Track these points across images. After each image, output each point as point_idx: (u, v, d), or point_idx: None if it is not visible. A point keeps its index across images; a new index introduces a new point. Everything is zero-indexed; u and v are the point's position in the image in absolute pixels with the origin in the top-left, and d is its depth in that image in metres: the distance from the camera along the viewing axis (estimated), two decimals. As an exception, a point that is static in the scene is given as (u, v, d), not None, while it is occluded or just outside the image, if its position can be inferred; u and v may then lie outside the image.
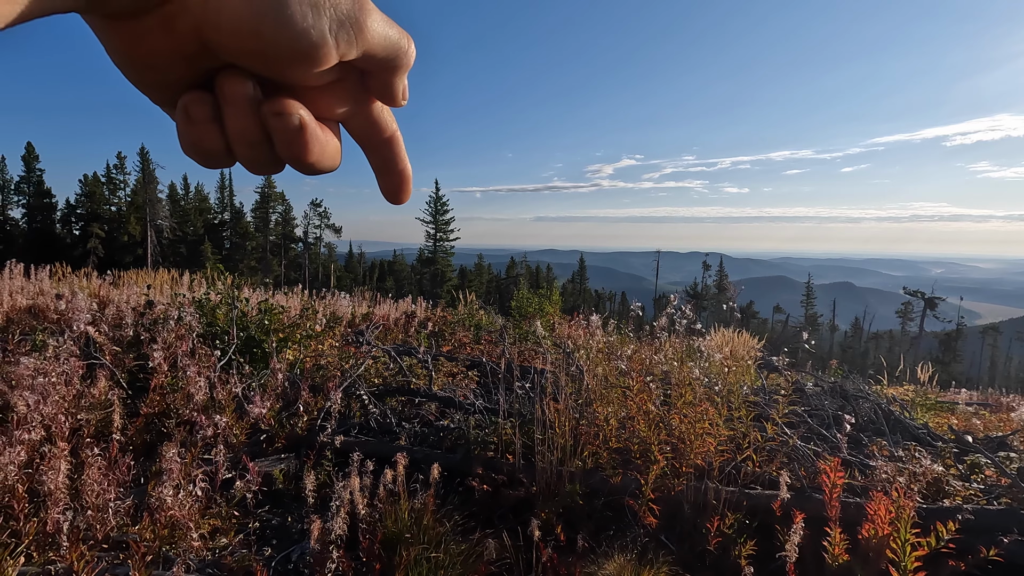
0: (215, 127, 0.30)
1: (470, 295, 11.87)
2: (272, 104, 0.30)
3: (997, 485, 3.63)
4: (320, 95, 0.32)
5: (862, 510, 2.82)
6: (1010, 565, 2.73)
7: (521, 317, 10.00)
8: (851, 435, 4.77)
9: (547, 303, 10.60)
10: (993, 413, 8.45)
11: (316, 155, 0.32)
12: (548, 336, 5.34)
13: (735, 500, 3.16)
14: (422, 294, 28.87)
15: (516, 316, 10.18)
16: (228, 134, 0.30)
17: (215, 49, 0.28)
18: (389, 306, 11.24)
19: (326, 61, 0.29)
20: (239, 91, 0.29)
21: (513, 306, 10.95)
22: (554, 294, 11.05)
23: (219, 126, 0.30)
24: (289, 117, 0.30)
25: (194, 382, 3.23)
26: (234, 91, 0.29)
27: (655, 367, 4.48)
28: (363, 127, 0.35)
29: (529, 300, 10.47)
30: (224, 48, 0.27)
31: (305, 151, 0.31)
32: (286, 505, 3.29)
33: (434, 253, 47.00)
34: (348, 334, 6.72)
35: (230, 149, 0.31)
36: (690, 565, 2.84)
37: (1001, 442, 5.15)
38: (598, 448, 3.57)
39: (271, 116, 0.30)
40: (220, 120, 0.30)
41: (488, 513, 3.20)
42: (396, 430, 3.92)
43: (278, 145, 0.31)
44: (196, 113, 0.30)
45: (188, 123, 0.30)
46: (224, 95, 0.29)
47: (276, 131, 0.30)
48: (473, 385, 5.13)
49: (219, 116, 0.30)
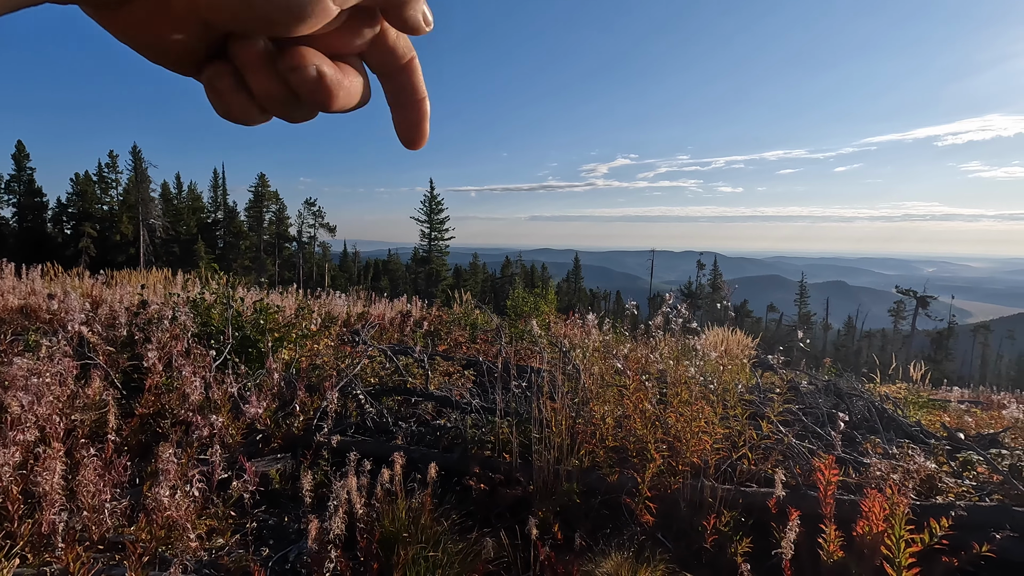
0: (241, 93, 0.30)
1: (465, 294, 11.87)
2: (287, 60, 0.30)
3: (989, 482, 3.66)
4: (334, 36, 0.32)
5: (857, 507, 2.84)
6: (1002, 561, 2.76)
7: (517, 316, 10.00)
8: (845, 433, 4.80)
9: (543, 302, 10.61)
10: (985, 411, 8.53)
11: (342, 99, 0.31)
12: (544, 335, 5.34)
13: (731, 498, 3.17)
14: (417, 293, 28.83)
15: (512, 315, 10.18)
16: (255, 96, 0.30)
17: (214, 24, 0.27)
18: (384, 306, 11.22)
19: (325, 15, 0.28)
20: (252, 55, 0.29)
21: (509, 305, 10.95)
22: (549, 293, 11.07)
23: (245, 91, 0.30)
24: (305, 70, 0.30)
25: (189, 382, 3.22)
26: (247, 56, 0.29)
27: (651, 366, 4.49)
28: (380, 57, 0.34)
29: (525, 299, 10.47)
30: (222, 21, 0.27)
31: (329, 98, 0.31)
32: (283, 505, 3.28)
33: (429, 252, 46.93)
34: (344, 334, 6.70)
35: (263, 108, 0.31)
36: (687, 563, 2.85)
37: (993, 439, 5.20)
38: (595, 447, 3.57)
39: (289, 72, 0.30)
40: (245, 85, 0.30)
41: (486, 512, 3.20)
42: (393, 430, 3.91)
43: (303, 97, 0.31)
44: (220, 85, 0.30)
45: (215, 94, 0.30)
46: (240, 61, 0.29)
47: (296, 85, 0.30)
48: (470, 384, 5.13)
49: (242, 81, 0.30)
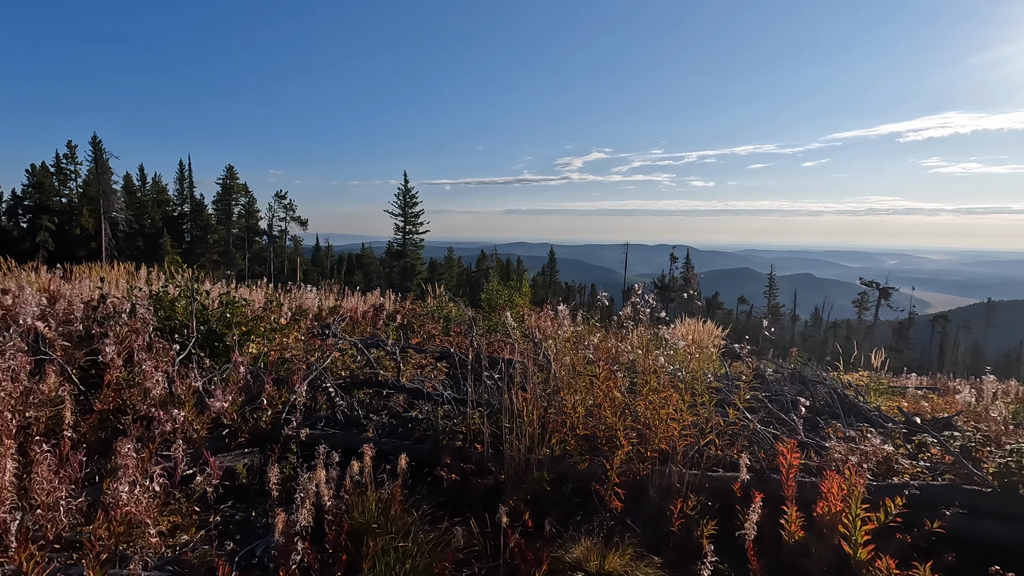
0: None
1: (439, 288, 11.81)
2: None
3: (942, 463, 3.82)
4: None
5: (817, 489, 2.93)
6: (952, 537, 2.88)
7: (491, 309, 10.00)
8: (808, 418, 4.94)
9: (517, 295, 10.63)
10: (940, 396, 8.88)
11: None
12: (517, 327, 5.36)
13: (698, 483, 3.24)
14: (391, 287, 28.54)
15: (486, 308, 10.18)
16: None
17: None
18: (357, 299, 11.08)
19: None
20: None
21: (483, 298, 10.95)
22: (524, 286, 11.10)
23: None
24: None
25: (151, 377, 3.13)
26: None
27: (622, 355, 4.55)
28: None
29: (499, 292, 10.48)
30: None
31: None
32: (250, 500, 3.22)
33: (403, 246, 46.48)
34: (314, 327, 6.60)
35: None
36: (655, 546, 2.91)
37: (947, 423, 5.42)
38: (566, 435, 3.61)
39: None
40: None
41: (457, 502, 3.21)
42: (364, 422, 3.88)
43: None
44: None
45: None
46: None
47: None
48: (443, 376, 5.12)
49: None
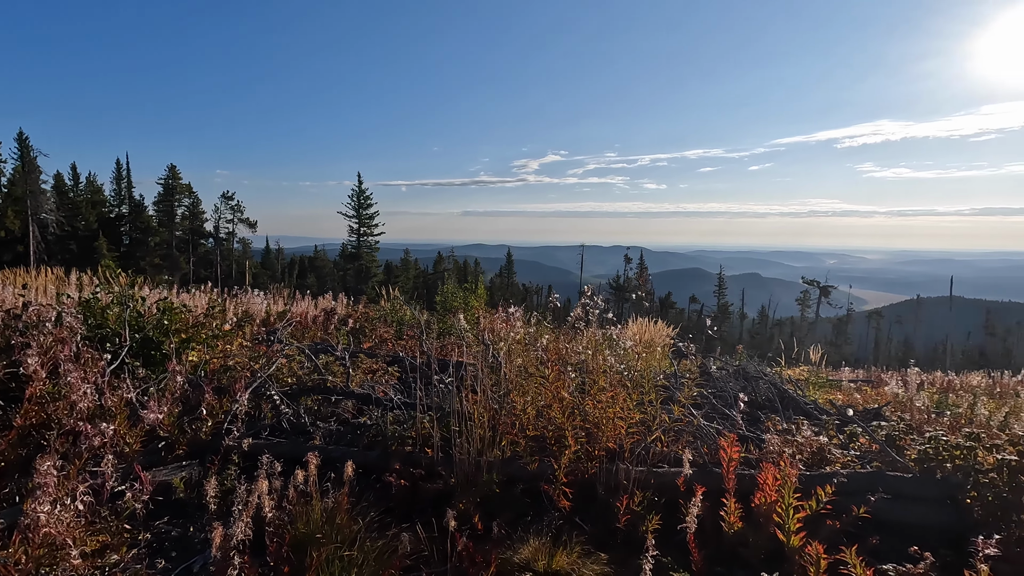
0: None
1: (394, 291, 11.67)
2: None
3: (870, 451, 4.06)
4: None
5: (755, 481, 3.06)
6: (877, 521, 3.06)
7: (446, 312, 9.95)
8: (750, 413, 5.15)
9: (472, 297, 10.61)
10: (873, 388, 9.42)
11: None
12: (470, 329, 5.35)
13: (644, 479, 3.32)
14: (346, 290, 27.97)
15: (441, 311, 10.12)
16: None
17: None
18: (308, 303, 10.80)
19: None
20: None
21: (439, 301, 10.88)
22: (479, 288, 11.09)
23: None
24: None
25: (77, 389, 2.96)
26: None
27: (572, 356, 4.61)
28: None
29: (454, 294, 10.43)
30: None
31: None
32: (188, 515, 3.09)
33: (358, 248, 45.59)
34: (260, 333, 6.39)
35: None
36: (603, 543, 2.96)
37: (876, 413, 5.75)
38: (516, 437, 3.63)
39: None
40: None
41: (406, 508, 3.17)
42: (311, 430, 3.79)
43: None
44: None
45: None
46: None
47: None
48: (394, 381, 5.06)
49: None
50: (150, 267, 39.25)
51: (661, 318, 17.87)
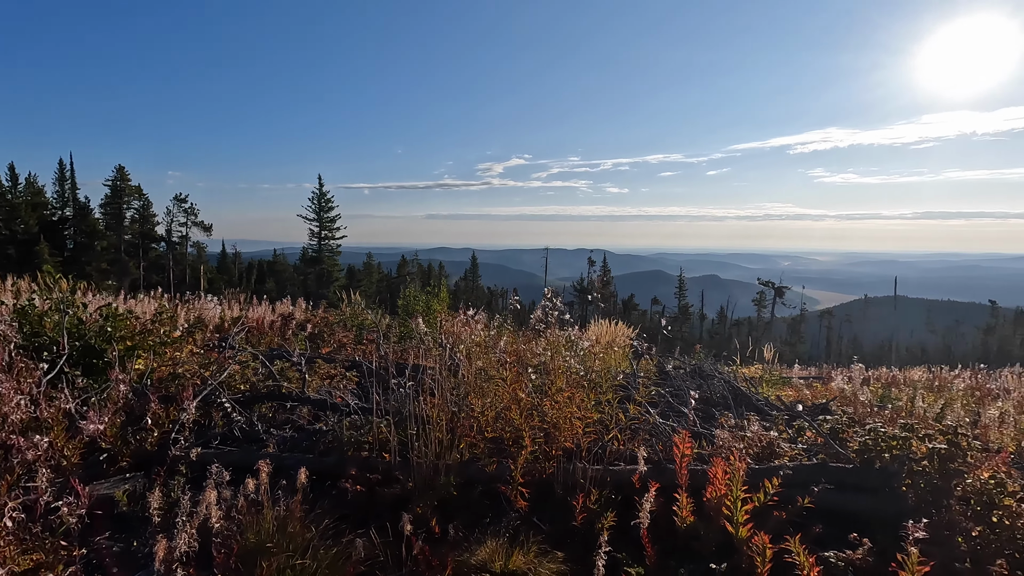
0: None
1: (354, 295, 11.49)
2: None
3: (816, 444, 4.23)
4: None
5: (707, 475, 3.15)
6: (820, 510, 3.18)
7: (408, 316, 9.86)
8: (704, 410, 5.29)
9: (435, 301, 10.55)
10: (823, 384, 9.82)
11: None
12: (429, 332, 5.32)
13: (601, 477, 3.38)
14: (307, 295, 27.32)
15: (403, 315, 10.03)
16: None
17: None
18: (265, 309, 10.52)
19: None
20: None
21: (401, 305, 10.77)
22: (442, 292, 11.03)
23: None
24: None
25: (9, 400, 2.81)
26: None
27: (531, 358, 4.64)
28: None
29: (416, 298, 10.35)
30: None
31: None
32: (132, 529, 2.97)
33: (319, 252, 44.65)
34: (213, 340, 6.20)
35: None
36: (560, 541, 2.99)
37: (824, 408, 5.99)
38: (475, 439, 3.63)
39: None
40: None
41: (363, 513, 3.13)
42: (264, 438, 3.69)
43: None
44: None
45: None
46: None
47: None
48: (352, 386, 4.98)
49: None
50: (96, 272, 37.43)
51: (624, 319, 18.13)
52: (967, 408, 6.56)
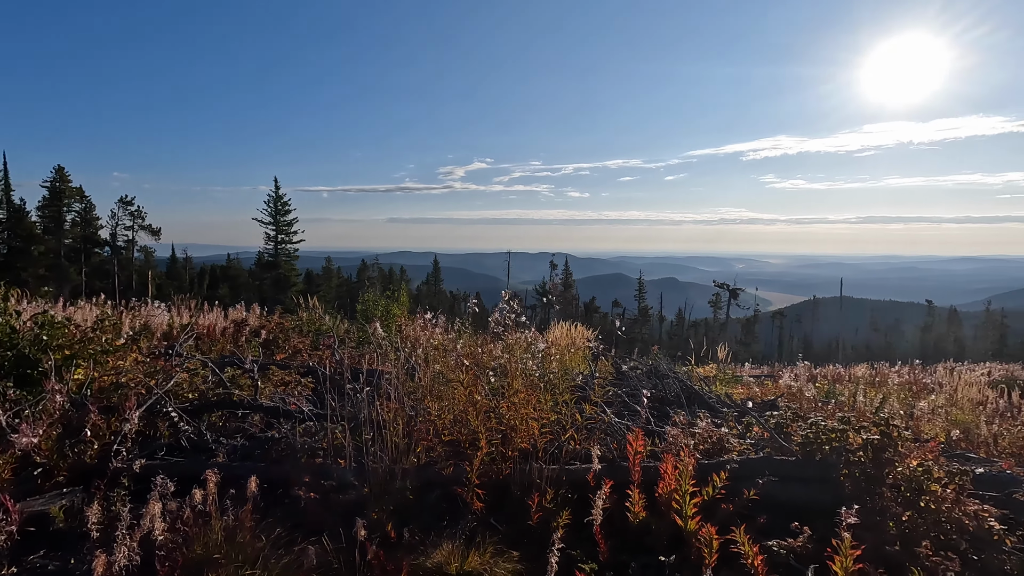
0: None
1: (312, 300, 11.27)
2: None
3: (763, 439, 4.41)
4: None
5: (658, 472, 3.24)
6: (766, 501, 3.32)
7: (367, 321, 9.73)
8: (660, 408, 5.43)
9: (395, 305, 10.44)
10: (773, 382, 10.22)
11: None
12: (387, 337, 5.28)
13: (556, 477, 3.43)
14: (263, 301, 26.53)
15: (362, 320, 9.88)
16: None
17: None
18: (217, 315, 10.19)
19: None
20: None
21: (359, 309, 10.61)
22: (402, 296, 10.92)
23: None
24: None
25: (-69, 414, 2.64)
26: None
27: (489, 360, 4.66)
28: None
29: (375, 303, 10.22)
30: None
31: None
32: (69, 546, 2.84)
33: (276, 257, 43.46)
34: (161, 348, 5.97)
35: None
36: (516, 541, 3.02)
37: (772, 404, 6.24)
38: (432, 443, 3.62)
39: None
40: None
41: (317, 521, 3.08)
42: (213, 447, 3.59)
43: None
44: None
45: None
46: None
47: None
48: (308, 392, 4.90)
49: None
50: (33, 279, 35.35)
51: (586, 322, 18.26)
52: (903, 402, 6.95)
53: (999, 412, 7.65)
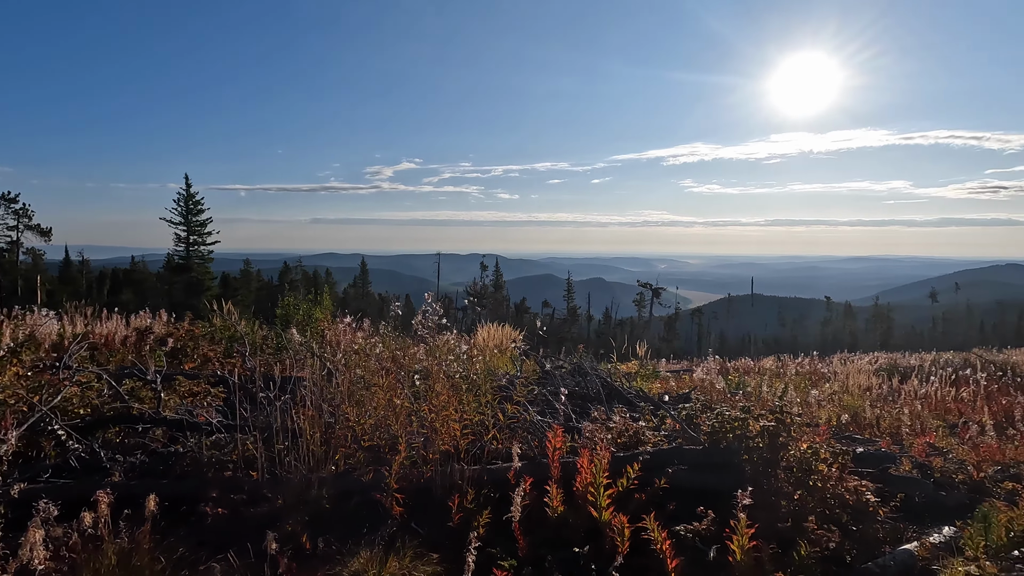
0: None
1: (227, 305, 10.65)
2: None
3: (676, 430, 4.66)
4: None
5: (577, 467, 3.34)
6: (676, 489, 3.51)
7: (287, 326, 9.33)
8: (582, 405, 5.60)
9: (317, 309, 10.08)
10: (689, 376, 10.79)
11: None
12: (304, 342, 5.11)
13: (478, 477, 3.46)
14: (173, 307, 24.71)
15: (281, 325, 9.46)
16: None
17: None
18: (117, 323, 9.40)
19: None
20: None
21: (279, 314, 10.15)
22: (324, 299, 10.56)
23: None
24: None
25: None
26: None
27: (412, 363, 4.63)
28: None
29: (295, 307, 9.82)
30: None
31: None
32: (-69, 586, 2.54)
33: (187, 259, 40.56)
34: (48, 360, 5.44)
35: None
36: (437, 544, 3.02)
37: (686, 396, 6.60)
38: (352, 449, 3.55)
39: None
40: None
41: (225, 537, 2.93)
42: (108, 466, 3.33)
43: None
44: None
45: None
46: None
47: None
48: (218, 403, 4.64)
49: None
50: None
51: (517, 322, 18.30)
52: (801, 390, 7.57)
53: (883, 397, 8.50)
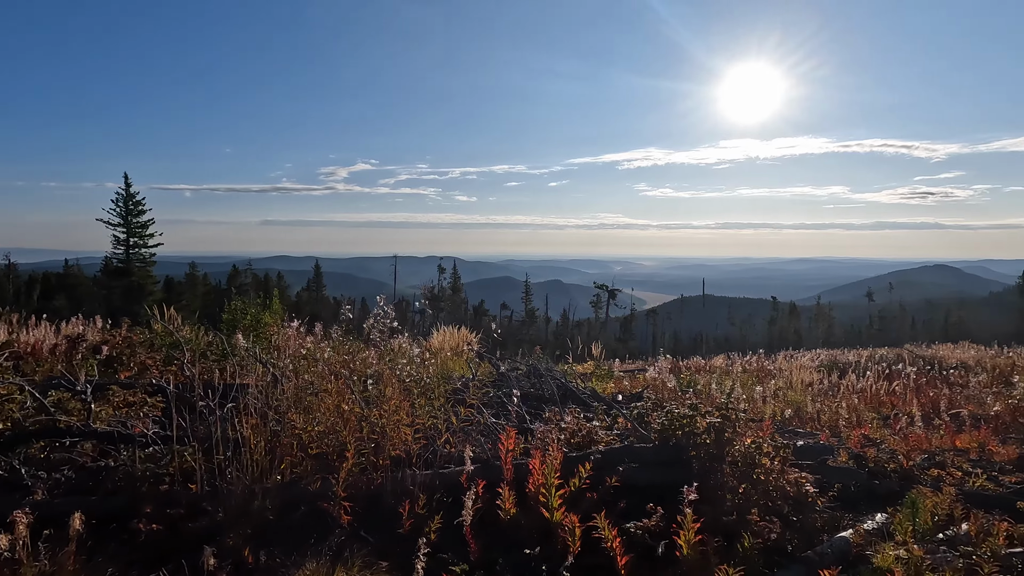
0: None
1: (168, 310, 10.17)
2: None
3: (627, 429, 4.74)
4: None
5: (529, 468, 3.35)
6: (628, 486, 3.56)
7: (233, 331, 8.98)
8: (537, 406, 5.63)
9: (266, 313, 9.75)
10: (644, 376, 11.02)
11: None
12: (249, 348, 4.93)
13: (431, 482, 3.41)
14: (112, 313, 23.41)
15: (227, 330, 9.09)
16: None
17: None
18: (46, 330, 8.82)
19: None
20: None
21: (225, 319, 9.75)
22: (274, 303, 10.22)
23: None
24: None
25: None
26: None
27: (364, 368, 4.53)
28: None
29: (243, 311, 9.46)
30: None
31: None
32: None
33: (127, 262, 38.45)
34: (-35, 371, 5.04)
35: None
36: (387, 552, 2.95)
37: (639, 396, 6.72)
38: (299, 458, 3.44)
39: None
40: None
41: (160, 555, 2.78)
42: (29, 483, 3.10)
43: None
44: None
45: None
46: None
47: None
48: (156, 413, 4.41)
49: None
50: None
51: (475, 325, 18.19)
52: (747, 387, 7.85)
53: (824, 392, 8.91)
